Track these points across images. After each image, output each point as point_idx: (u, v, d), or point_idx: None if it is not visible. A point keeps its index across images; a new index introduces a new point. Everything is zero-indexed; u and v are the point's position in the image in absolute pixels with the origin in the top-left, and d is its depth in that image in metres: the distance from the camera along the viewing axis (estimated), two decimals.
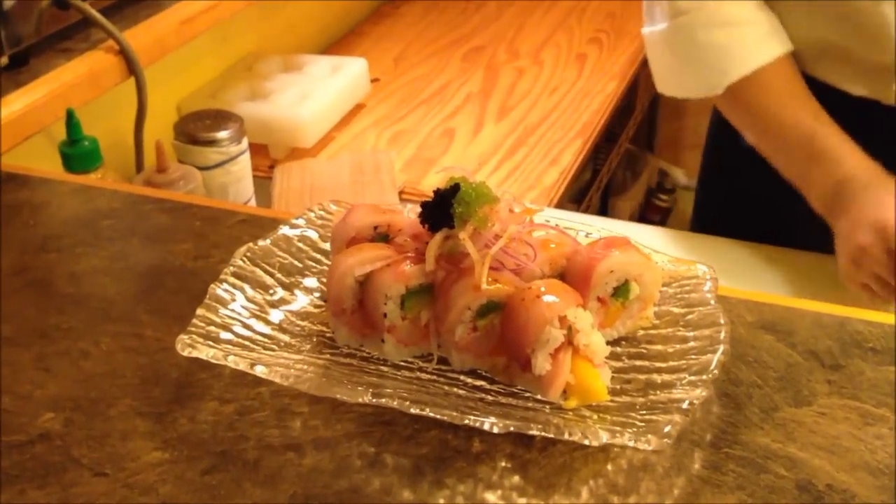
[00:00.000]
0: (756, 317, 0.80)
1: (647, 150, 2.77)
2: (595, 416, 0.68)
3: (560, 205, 1.57)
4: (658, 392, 0.69)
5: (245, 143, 1.37)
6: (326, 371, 0.72)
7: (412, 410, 0.66)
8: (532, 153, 1.66)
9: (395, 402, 0.66)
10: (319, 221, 0.87)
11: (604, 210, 2.34)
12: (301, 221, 0.86)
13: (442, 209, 0.71)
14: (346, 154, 1.61)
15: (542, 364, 0.67)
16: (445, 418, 0.65)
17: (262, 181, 1.51)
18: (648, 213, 2.79)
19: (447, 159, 1.63)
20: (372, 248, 0.75)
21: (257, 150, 1.50)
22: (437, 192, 0.72)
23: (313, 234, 0.86)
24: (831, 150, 1.02)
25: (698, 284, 0.78)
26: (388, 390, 0.68)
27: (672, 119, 2.77)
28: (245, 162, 1.38)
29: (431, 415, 0.65)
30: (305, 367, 0.71)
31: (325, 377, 0.69)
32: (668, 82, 1.21)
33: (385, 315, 0.72)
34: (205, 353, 0.70)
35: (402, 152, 1.64)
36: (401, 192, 1.50)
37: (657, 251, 0.79)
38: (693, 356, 0.71)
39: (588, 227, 0.83)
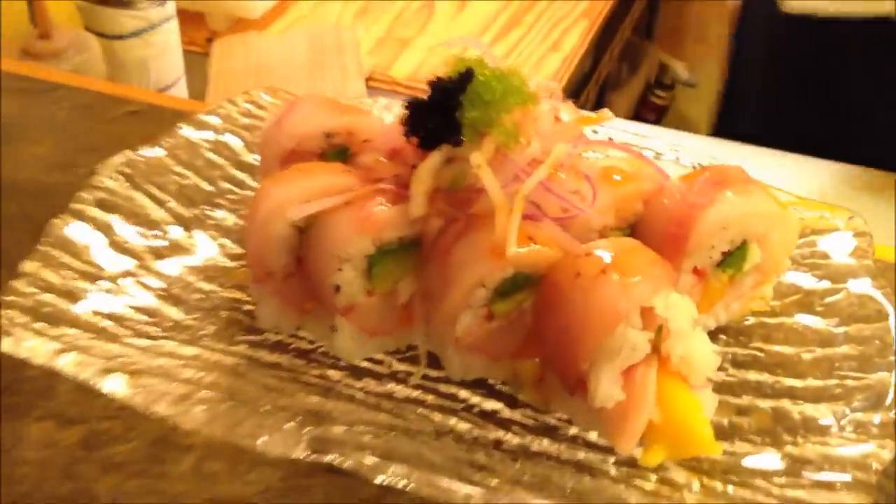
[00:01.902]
0: None
1: (647, 38, 2.49)
2: (696, 482, 0.39)
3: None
4: (800, 439, 0.41)
5: (172, 7, 1.08)
6: (237, 380, 0.42)
7: (379, 479, 0.37)
8: (529, 34, 1.39)
9: (350, 462, 0.37)
10: (245, 120, 0.57)
11: (599, 107, 2.05)
12: (215, 120, 0.55)
13: (442, 112, 0.41)
14: (300, 29, 1.36)
15: (607, 389, 0.39)
16: (440, 498, 0.36)
17: (198, 58, 1.23)
18: (643, 111, 2.53)
19: (425, 40, 1.35)
20: (321, 170, 0.46)
21: (191, 18, 1.25)
22: (436, 84, 0.42)
23: (235, 141, 0.55)
24: None
25: (837, 242, 0.49)
26: (338, 429, 0.39)
27: (674, 3, 2.49)
28: (171, 31, 1.12)
29: (415, 491, 0.37)
30: (202, 373, 0.42)
31: (231, 399, 0.40)
32: None
33: (338, 288, 0.42)
34: (24, 346, 0.41)
35: (371, 30, 1.38)
36: (368, 79, 1.24)
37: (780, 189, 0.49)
38: (851, 373, 0.43)
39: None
